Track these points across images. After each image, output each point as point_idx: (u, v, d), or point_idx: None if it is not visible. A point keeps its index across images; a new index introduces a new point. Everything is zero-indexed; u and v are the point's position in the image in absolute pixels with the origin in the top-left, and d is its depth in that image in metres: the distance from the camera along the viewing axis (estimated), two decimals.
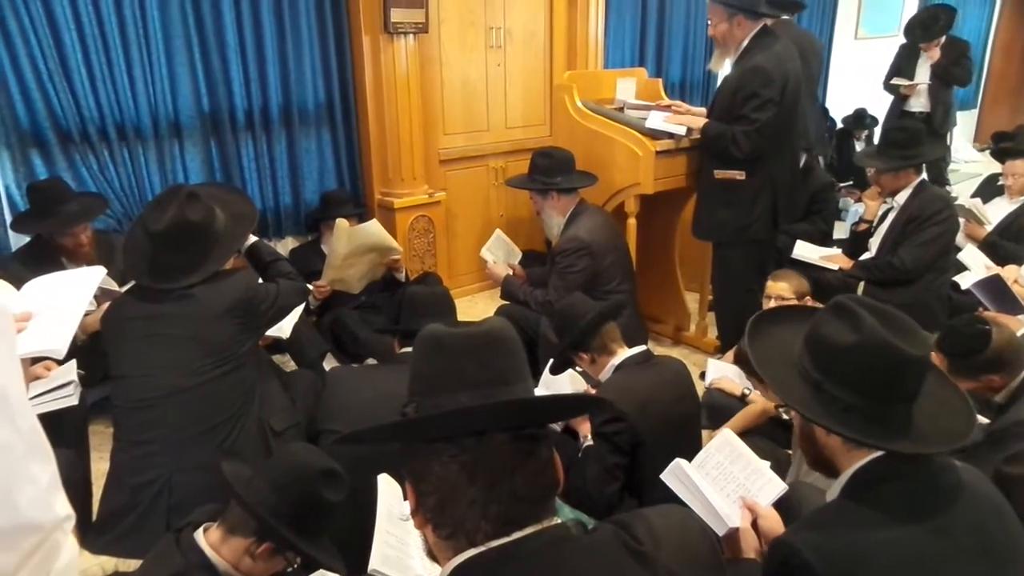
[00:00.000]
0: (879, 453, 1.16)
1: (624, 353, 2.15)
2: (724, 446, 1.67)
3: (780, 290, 2.69)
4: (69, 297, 1.78)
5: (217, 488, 1.52)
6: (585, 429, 2.17)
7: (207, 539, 1.44)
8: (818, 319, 1.23)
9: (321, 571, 1.49)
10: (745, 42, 2.97)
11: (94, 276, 1.84)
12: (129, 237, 2.15)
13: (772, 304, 2.72)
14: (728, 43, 3.01)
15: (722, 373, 2.85)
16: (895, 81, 5.45)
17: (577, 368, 2.35)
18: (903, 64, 5.49)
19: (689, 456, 1.70)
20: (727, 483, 1.61)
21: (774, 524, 1.45)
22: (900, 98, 5.52)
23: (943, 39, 5.28)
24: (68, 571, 0.83)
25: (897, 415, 1.16)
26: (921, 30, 5.30)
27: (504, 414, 0.85)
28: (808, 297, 2.71)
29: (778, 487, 1.57)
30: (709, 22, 3.08)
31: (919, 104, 5.44)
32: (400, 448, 0.90)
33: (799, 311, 1.49)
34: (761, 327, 1.35)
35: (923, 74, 5.37)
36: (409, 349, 2.10)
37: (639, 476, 1.99)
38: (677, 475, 1.59)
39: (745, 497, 1.54)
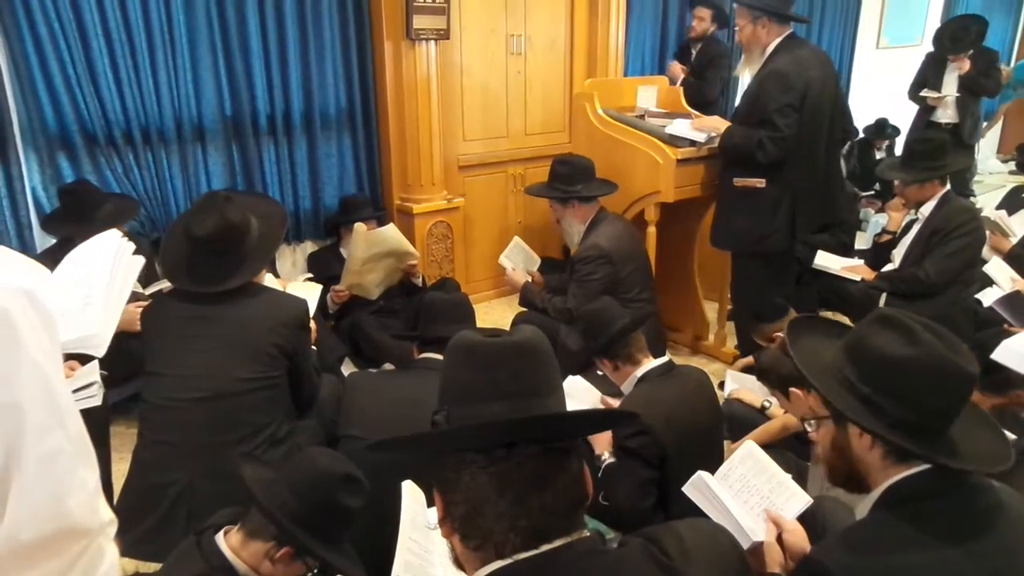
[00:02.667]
0: (915, 470, 1.13)
1: (648, 364, 2.14)
2: (747, 458, 1.65)
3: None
4: (105, 280, 1.81)
5: (239, 497, 1.52)
6: (602, 445, 2.13)
7: (227, 542, 1.45)
8: (863, 331, 1.19)
9: None
10: (771, 47, 2.93)
11: (118, 248, 1.87)
12: (168, 242, 2.16)
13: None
14: (753, 47, 2.97)
15: (741, 384, 2.82)
16: (924, 94, 5.30)
17: (599, 371, 2.34)
18: (929, 74, 5.35)
19: (712, 468, 1.68)
20: (750, 496, 1.59)
21: (799, 539, 1.43)
22: (926, 109, 5.39)
23: (972, 50, 5.15)
24: (110, 574, 0.84)
25: (941, 432, 1.13)
26: (950, 42, 5.14)
27: (535, 427, 0.84)
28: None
29: (803, 500, 1.54)
30: (736, 27, 3.05)
31: (946, 116, 5.31)
32: (428, 456, 0.89)
33: (826, 322, 1.47)
34: (796, 335, 1.32)
35: (951, 84, 5.22)
36: (428, 355, 2.10)
37: (664, 489, 1.97)
38: (699, 488, 1.57)
39: (770, 510, 1.51)
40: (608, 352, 2.16)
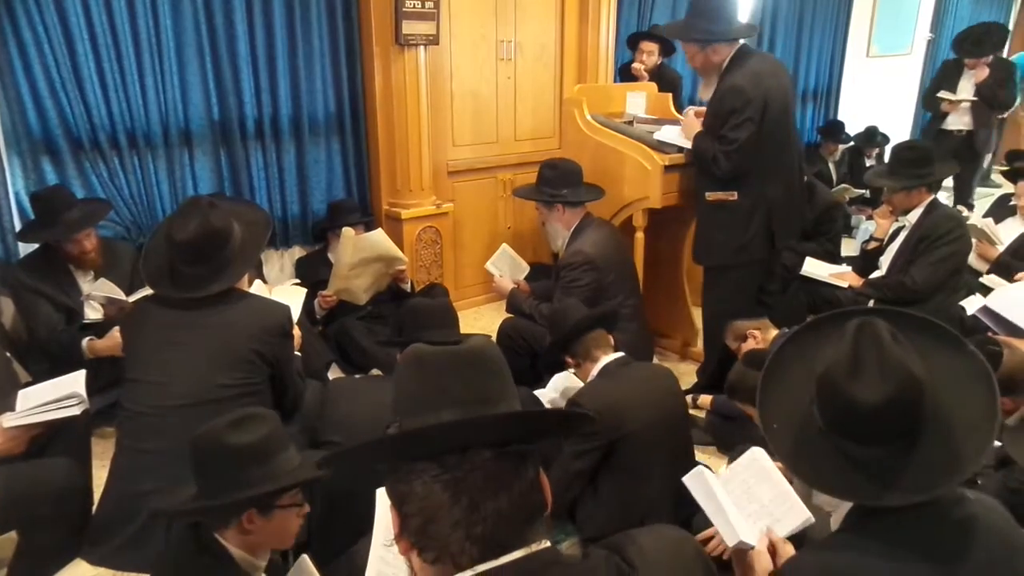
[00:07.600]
0: None
1: (605, 359, 2.20)
2: (752, 464, 1.60)
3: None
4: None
5: None
6: None
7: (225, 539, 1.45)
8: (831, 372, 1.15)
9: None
10: (724, 65, 2.92)
11: (76, 380, 1.96)
12: (150, 247, 2.15)
13: (750, 343, 2.76)
14: (709, 71, 2.97)
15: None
16: (941, 95, 5.27)
17: (568, 370, 2.40)
18: (944, 81, 5.33)
19: (677, 450, 1.77)
20: (749, 503, 1.55)
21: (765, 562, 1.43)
22: (940, 115, 5.36)
23: (991, 57, 5.14)
24: None
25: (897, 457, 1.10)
26: (972, 45, 5.13)
27: (485, 429, 0.83)
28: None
29: (802, 516, 1.48)
30: (686, 57, 3.06)
31: (960, 123, 5.28)
32: (385, 469, 0.88)
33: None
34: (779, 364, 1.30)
35: (965, 91, 5.21)
36: None
37: (621, 466, 2.04)
38: (699, 482, 1.55)
39: (768, 520, 1.49)
40: (567, 348, 2.23)
